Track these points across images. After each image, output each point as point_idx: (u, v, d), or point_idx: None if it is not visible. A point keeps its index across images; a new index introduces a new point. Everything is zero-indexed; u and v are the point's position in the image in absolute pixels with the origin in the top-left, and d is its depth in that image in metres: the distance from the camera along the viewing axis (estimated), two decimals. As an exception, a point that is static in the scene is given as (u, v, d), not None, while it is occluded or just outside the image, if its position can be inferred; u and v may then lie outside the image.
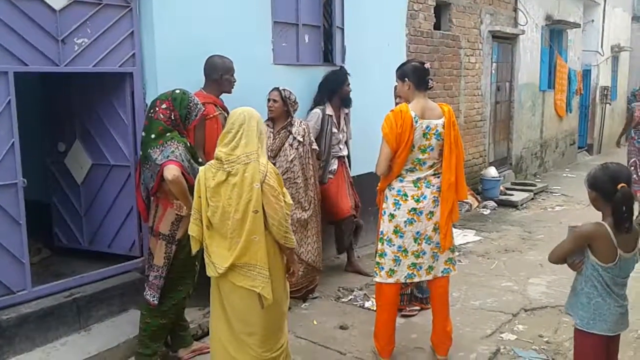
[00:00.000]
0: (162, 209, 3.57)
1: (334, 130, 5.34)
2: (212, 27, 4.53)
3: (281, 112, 4.80)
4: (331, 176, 5.33)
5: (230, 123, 3.02)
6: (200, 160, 3.65)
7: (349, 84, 5.38)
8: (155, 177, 3.50)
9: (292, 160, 4.77)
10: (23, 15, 3.61)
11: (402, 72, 3.76)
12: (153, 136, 3.52)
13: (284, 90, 4.80)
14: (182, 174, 3.42)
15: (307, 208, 4.86)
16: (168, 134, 3.53)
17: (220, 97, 4.40)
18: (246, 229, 2.93)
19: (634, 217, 2.86)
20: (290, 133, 4.82)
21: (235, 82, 4.40)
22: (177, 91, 3.63)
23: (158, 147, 3.50)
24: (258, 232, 2.94)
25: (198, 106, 3.72)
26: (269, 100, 4.80)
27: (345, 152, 5.51)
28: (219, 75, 4.30)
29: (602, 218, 2.90)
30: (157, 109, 3.56)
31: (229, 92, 4.39)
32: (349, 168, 5.57)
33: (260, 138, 3.04)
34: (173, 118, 3.59)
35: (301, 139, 4.82)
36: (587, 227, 2.86)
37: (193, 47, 4.36)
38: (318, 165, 5.14)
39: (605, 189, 2.82)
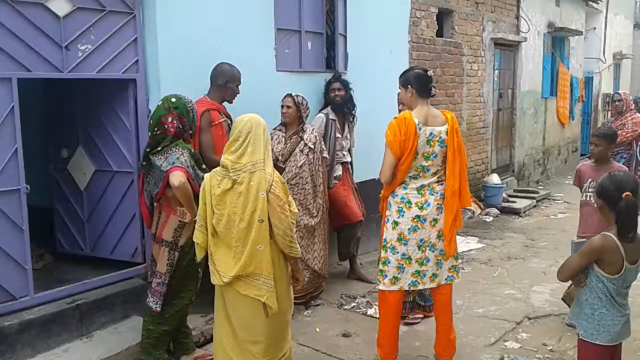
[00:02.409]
0: (165, 215, 3.57)
1: (338, 135, 5.34)
2: (215, 34, 4.53)
3: (295, 117, 4.85)
4: (337, 182, 5.32)
5: (237, 131, 3.01)
6: (204, 167, 3.65)
7: (339, 89, 5.34)
8: (160, 183, 3.49)
9: (301, 166, 4.78)
10: (27, 21, 3.62)
11: (405, 80, 3.75)
12: (159, 149, 3.53)
13: (296, 96, 4.84)
14: (188, 180, 3.42)
15: (315, 215, 4.85)
16: (173, 143, 3.54)
17: (223, 104, 4.40)
18: (251, 238, 2.92)
19: None
20: (302, 139, 4.84)
21: (238, 93, 4.41)
22: (174, 99, 3.60)
23: (162, 153, 3.50)
24: (263, 242, 2.93)
25: (194, 104, 3.73)
26: (282, 106, 4.84)
27: (348, 159, 5.51)
28: (223, 81, 4.31)
29: (607, 227, 2.90)
30: (164, 125, 3.54)
31: (230, 101, 4.40)
32: (353, 176, 5.56)
33: (266, 146, 3.03)
34: (181, 126, 3.59)
35: (312, 146, 4.83)
36: (596, 242, 2.85)
37: (196, 53, 4.37)
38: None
39: (611, 197, 2.83)
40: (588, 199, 4.39)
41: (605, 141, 4.40)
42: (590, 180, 4.39)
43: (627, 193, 2.77)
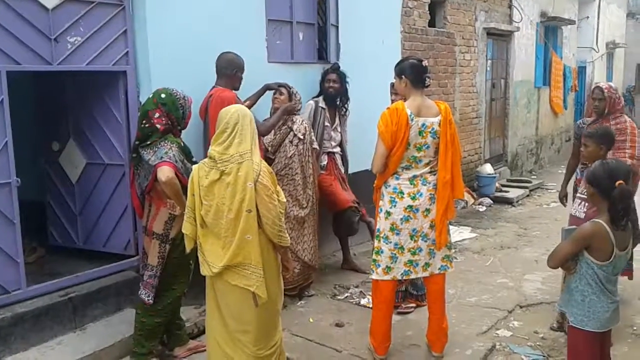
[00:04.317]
0: (156, 208, 3.57)
1: (327, 124, 5.33)
2: (205, 25, 4.51)
3: None
4: (322, 171, 5.29)
5: (224, 122, 3.01)
6: (194, 159, 3.65)
7: (334, 80, 5.31)
8: (149, 177, 3.49)
9: (291, 157, 4.78)
10: (15, 14, 3.59)
11: (400, 69, 3.75)
12: (148, 142, 3.53)
13: (292, 87, 4.86)
14: (176, 174, 3.42)
15: (304, 206, 4.85)
16: (162, 137, 3.53)
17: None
18: (240, 228, 2.92)
19: None
20: (291, 130, 4.83)
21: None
22: (163, 95, 3.59)
23: (151, 147, 3.50)
24: (251, 232, 2.94)
25: (186, 100, 3.72)
26: (275, 91, 4.84)
27: (337, 150, 5.47)
28: (233, 71, 4.35)
29: (598, 214, 2.91)
30: (151, 120, 3.54)
31: (238, 89, 4.43)
32: (339, 166, 5.51)
33: (253, 137, 3.03)
34: (169, 123, 3.58)
35: (301, 137, 4.83)
36: (587, 229, 2.87)
37: (186, 45, 4.35)
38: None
39: (603, 185, 2.83)
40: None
41: (593, 141, 3.89)
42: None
43: (620, 181, 2.78)
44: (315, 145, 5.03)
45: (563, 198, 5.10)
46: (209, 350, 3.26)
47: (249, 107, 4.29)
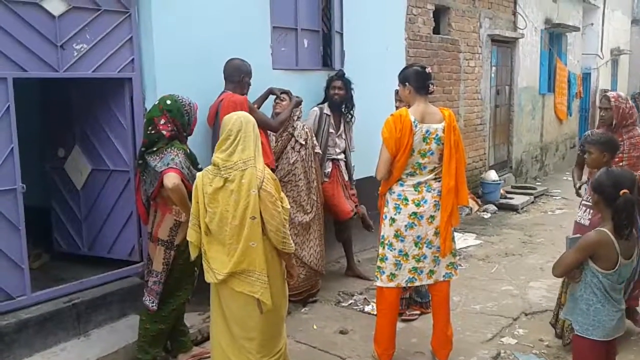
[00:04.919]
0: (161, 214, 3.58)
1: (331, 130, 5.34)
2: (211, 32, 4.53)
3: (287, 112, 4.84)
4: (326, 179, 5.29)
5: (227, 129, 3.02)
6: (199, 166, 3.65)
7: (339, 87, 5.33)
8: (155, 183, 3.50)
9: (293, 163, 4.79)
10: (22, 21, 3.62)
11: (404, 76, 3.77)
12: (155, 149, 3.54)
13: (294, 94, 4.89)
14: (182, 181, 3.43)
15: (309, 211, 4.86)
16: (168, 144, 3.54)
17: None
18: (244, 235, 2.93)
19: None
20: (293, 136, 4.84)
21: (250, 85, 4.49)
22: (168, 102, 3.60)
23: (157, 154, 3.51)
24: (256, 238, 2.94)
25: (192, 106, 3.72)
26: (276, 97, 4.86)
27: (341, 156, 5.48)
28: (240, 77, 4.37)
29: (601, 223, 2.90)
30: (157, 126, 3.55)
31: (246, 94, 4.45)
32: (344, 172, 5.51)
33: (256, 143, 3.04)
34: (175, 129, 3.60)
35: (303, 142, 4.84)
36: (592, 237, 2.85)
37: (192, 52, 4.37)
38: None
39: (608, 193, 2.83)
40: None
41: (597, 149, 3.79)
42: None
43: (625, 190, 2.77)
44: (318, 150, 5.04)
45: (579, 188, 4.42)
46: (213, 357, 3.26)
47: (258, 108, 4.33)
